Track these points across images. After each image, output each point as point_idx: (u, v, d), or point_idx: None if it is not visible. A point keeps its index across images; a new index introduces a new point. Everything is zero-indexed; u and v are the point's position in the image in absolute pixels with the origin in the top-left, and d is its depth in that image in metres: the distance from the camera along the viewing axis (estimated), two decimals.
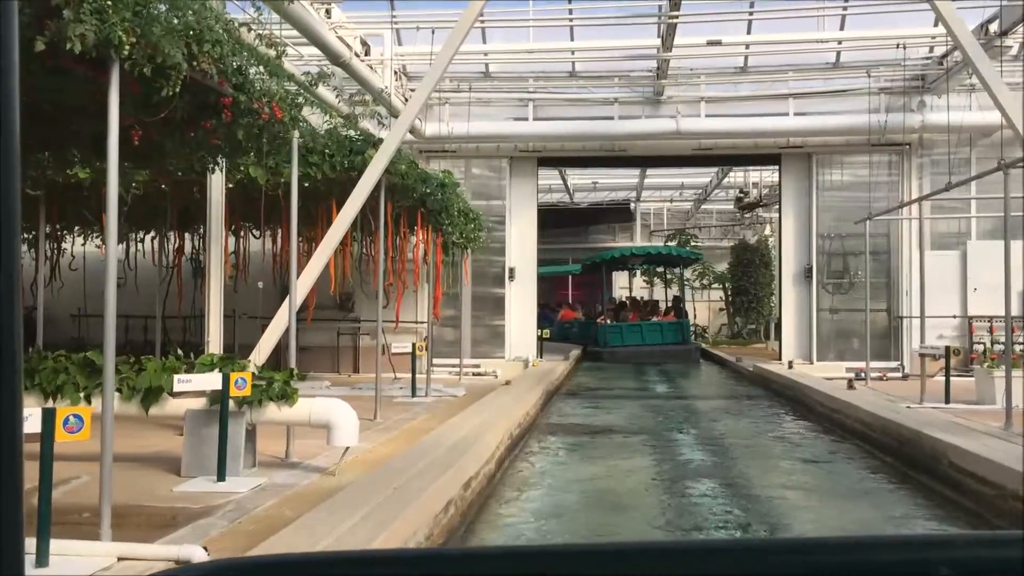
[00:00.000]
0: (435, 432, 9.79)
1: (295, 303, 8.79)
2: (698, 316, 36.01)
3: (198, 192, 11.25)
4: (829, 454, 10.53)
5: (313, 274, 9.82)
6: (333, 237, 9.91)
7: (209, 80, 6.47)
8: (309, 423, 7.74)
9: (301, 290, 9.77)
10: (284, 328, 9.30)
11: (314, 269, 9.83)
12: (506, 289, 19.88)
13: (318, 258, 9.86)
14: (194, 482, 7.33)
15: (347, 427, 7.65)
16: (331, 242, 9.93)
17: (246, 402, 7.59)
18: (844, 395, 12.57)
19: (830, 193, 19.10)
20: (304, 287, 9.76)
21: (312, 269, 9.84)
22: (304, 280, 9.81)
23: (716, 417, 13.92)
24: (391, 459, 8.23)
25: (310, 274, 9.82)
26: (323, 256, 9.86)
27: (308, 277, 9.80)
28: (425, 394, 14.27)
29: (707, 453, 10.63)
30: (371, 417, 11.53)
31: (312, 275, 9.82)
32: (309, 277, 9.81)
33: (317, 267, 9.83)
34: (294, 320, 8.70)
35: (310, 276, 9.80)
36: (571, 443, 11.30)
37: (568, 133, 18.72)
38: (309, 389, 15.37)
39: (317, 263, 9.82)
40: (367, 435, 10.19)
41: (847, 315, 18.94)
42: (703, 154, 19.45)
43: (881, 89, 17.86)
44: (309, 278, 9.80)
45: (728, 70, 18.27)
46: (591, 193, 35.88)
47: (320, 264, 9.83)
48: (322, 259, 9.85)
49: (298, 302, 9.74)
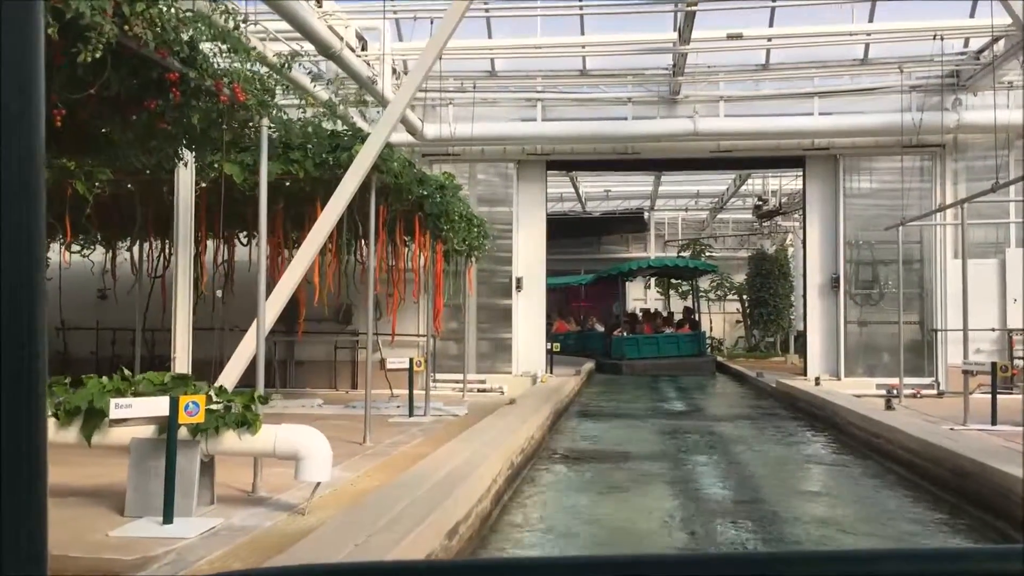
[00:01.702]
0: (427, 460, 8.70)
1: (263, 318, 7.72)
2: (714, 328, 34.91)
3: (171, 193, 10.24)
4: (876, 490, 9.22)
5: (290, 284, 8.76)
6: (313, 243, 8.85)
7: (145, 48, 5.44)
8: (274, 454, 6.67)
9: (277, 301, 8.72)
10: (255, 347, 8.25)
11: (291, 279, 8.77)
12: (513, 300, 18.78)
13: (296, 267, 8.80)
14: (137, 524, 6.26)
15: (318, 460, 6.57)
16: (310, 249, 8.87)
17: (200, 430, 6.53)
18: (883, 416, 11.37)
19: (858, 198, 17.94)
20: (280, 298, 8.70)
21: (289, 279, 8.78)
22: (280, 291, 8.75)
23: (740, 441, 12.71)
24: (372, 494, 7.15)
25: (287, 284, 8.76)
26: (301, 265, 8.79)
27: (285, 287, 8.74)
28: (424, 413, 13.20)
29: (735, 487, 9.43)
30: (360, 440, 10.48)
31: (289, 285, 8.75)
32: (286, 287, 8.74)
33: (295, 277, 8.77)
34: (263, 337, 7.64)
35: (287, 286, 8.74)
36: (581, 473, 10.17)
37: (578, 134, 17.64)
38: (299, 407, 14.36)
39: (294, 273, 8.76)
40: (352, 462, 9.14)
41: (876, 328, 17.75)
42: (722, 156, 18.31)
43: (912, 87, 16.72)
44: (286, 288, 8.74)
45: (749, 67, 17.17)
46: (603, 202, 34.83)
47: (298, 274, 8.77)
48: (300, 268, 8.79)
49: (274, 315, 8.69)
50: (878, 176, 17.90)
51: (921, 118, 15.81)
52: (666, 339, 27.27)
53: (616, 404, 18.44)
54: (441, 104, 17.45)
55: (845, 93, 17.23)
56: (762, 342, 32.65)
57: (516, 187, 18.82)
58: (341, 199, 8.97)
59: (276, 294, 8.78)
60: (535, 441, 10.81)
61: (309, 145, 9.58)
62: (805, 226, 18.66)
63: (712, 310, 35.32)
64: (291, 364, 18.10)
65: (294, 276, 8.81)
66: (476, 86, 17.18)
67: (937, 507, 8.31)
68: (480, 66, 17.41)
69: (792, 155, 18.30)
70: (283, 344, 17.64)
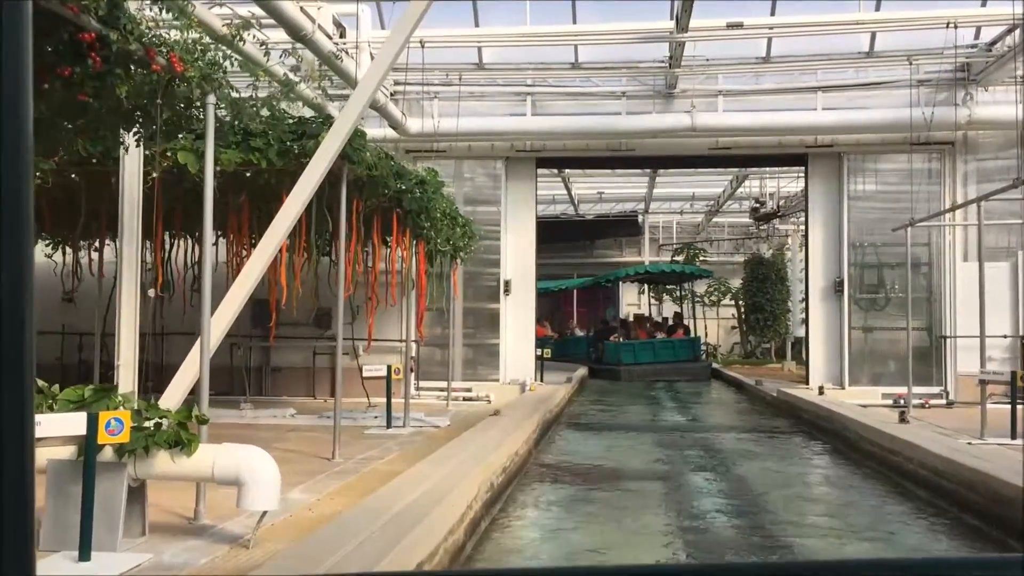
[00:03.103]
0: (398, 480, 7.82)
1: (207, 325, 6.84)
2: (708, 334, 34.13)
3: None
4: (906, 522, 8.12)
5: (246, 286, 7.87)
6: (272, 240, 7.97)
7: (50, 1, 4.58)
8: (213, 478, 5.79)
9: (232, 305, 7.84)
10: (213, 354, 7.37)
11: (247, 280, 7.89)
12: (501, 304, 17.89)
13: (252, 267, 7.92)
14: (50, 561, 5.37)
15: (263, 486, 5.69)
16: (269, 246, 7.99)
17: (127, 451, 5.64)
18: (897, 430, 10.49)
19: (862, 197, 17.10)
20: (235, 302, 7.82)
21: (245, 280, 7.90)
22: (235, 294, 7.87)
23: (743, 457, 11.78)
24: (329, 524, 6.26)
25: (242, 286, 7.87)
26: (258, 264, 7.91)
27: (240, 290, 7.86)
28: (403, 424, 12.33)
29: (740, 516, 8.48)
30: (329, 456, 9.59)
31: (245, 287, 7.87)
32: (241, 290, 7.86)
33: (251, 278, 7.89)
34: (207, 347, 6.75)
35: (242, 289, 7.86)
36: (569, 495, 9.26)
37: (570, 130, 16.77)
38: (271, 418, 13.44)
39: (251, 273, 7.88)
40: (316, 482, 8.25)
41: (882, 334, 16.91)
42: (720, 154, 17.45)
43: (920, 81, 15.89)
44: (241, 291, 7.85)
45: (749, 60, 16.32)
46: (597, 204, 33.98)
47: (255, 274, 7.89)
48: (257, 268, 7.91)
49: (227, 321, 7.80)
50: (884, 175, 17.07)
51: (933, 112, 14.97)
52: (662, 344, 27.40)
53: (609, 415, 17.55)
54: (425, 98, 16.60)
55: (850, 88, 16.40)
56: (758, 348, 31.94)
57: (504, 186, 17.95)
58: (304, 190, 8.10)
59: (230, 297, 7.91)
60: (520, 458, 9.91)
61: (270, 131, 8.69)
62: (807, 227, 17.81)
63: (707, 315, 34.56)
64: (266, 371, 17.19)
65: (250, 277, 7.93)
66: (462, 79, 16.30)
67: (986, 546, 7.28)
68: (467, 57, 16.53)
69: (794, 153, 17.45)
70: (258, 350, 16.74)
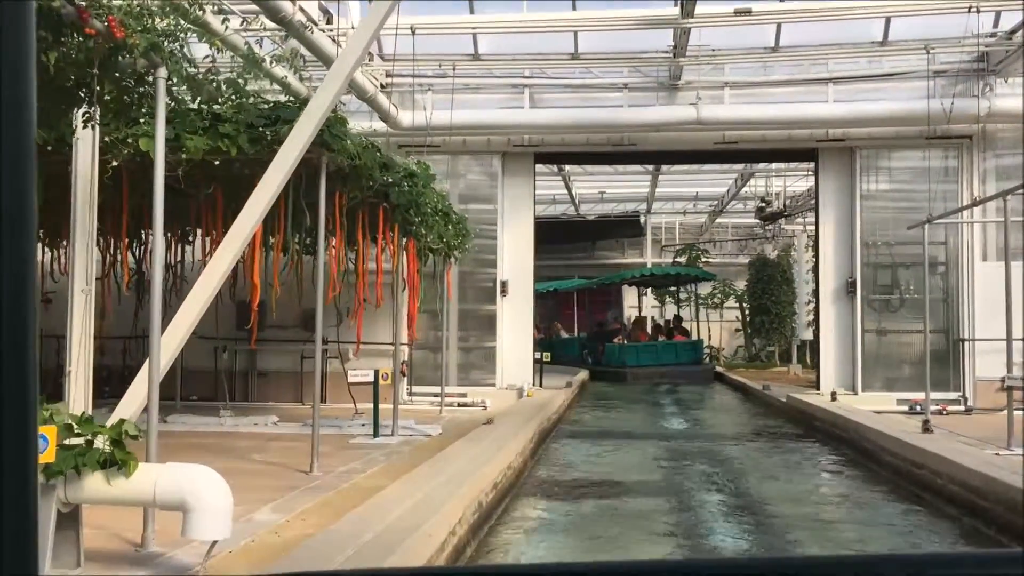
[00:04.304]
0: (378, 498, 7.08)
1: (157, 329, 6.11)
2: (712, 337, 33.41)
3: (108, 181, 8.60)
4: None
5: (211, 284, 7.14)
6: (237, 236, 7.23)
7: None
8: (154, 503, 5.05)
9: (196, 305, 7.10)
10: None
11: (212, 277, 7.15)
12: (498, 306, 17.13)
13: (216, 265, 7.18)
14: None
15: (212, 513, 4.94)
16: (234, 243, 7.24)
17: (55, 472, 4.90)
18: (923, 442, 9.69)
19: (875, 194, 16.34)
20: (198, 302, 7.08)
21: (210, 278, 7.16)
22: (198, 294, 7.14)
23: (754, 471, 10.94)
24: (293, 551, 5.52)
25: (207, 285, 7.14)
26: (223, 262, 7.17)
27: (204, 289, 7.12)
28: (392, 433, 11.59)
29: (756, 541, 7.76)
30: (306, 469, 8.85)
31: (210, 286, 7.13)
32: (205, 290, 7.12)
33: (216, 275, 7.15)
34: (158, 353, 6.01)
35: (207, 288, 7.12)
36: (566, 515, 8.45)
37: (570, 123, 16.00)
38: (251, 426, 12.68)
39: (216, 270, 7.14)
40: (289, 499, 7.50)
41: (896, 337, 16.14)
42: (727, 148, 16.67)
43: (936, 72, 15.14)
44: (206, 291, 7.12)
45: (757, 50, 15.57)
46: (598, 204, 33.22)
47: (218, 274, 7.15)
48: (221, 266, 7.17)
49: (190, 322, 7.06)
50: (898, 170, 16.32)
51: (952, 103, 14.19)
52: (665, 347, 27.32)
53: (612, 422, 16.75)
54: (418, 90, 15.86)
55: (863, 79, 15.65)
56: (763, 352, 31.20)
57: (501, 183, 17.19)
58: (275, 179, 7.36)
59: (192, 298, 7.16)
60: (514, 471, 9.14)
61: (241, 115, 7.96)
62: (817, 226, 17.03)
63: (710, 318, 33.84)
64: (252, 376, 16.44)
65: (214, 276, 7.19)
66: (457, 69, 15.54)
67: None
68: (461, 46, 15.79)
69: (804, 147, 16.69)
70: (244, 353, 15.99)
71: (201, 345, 15.62)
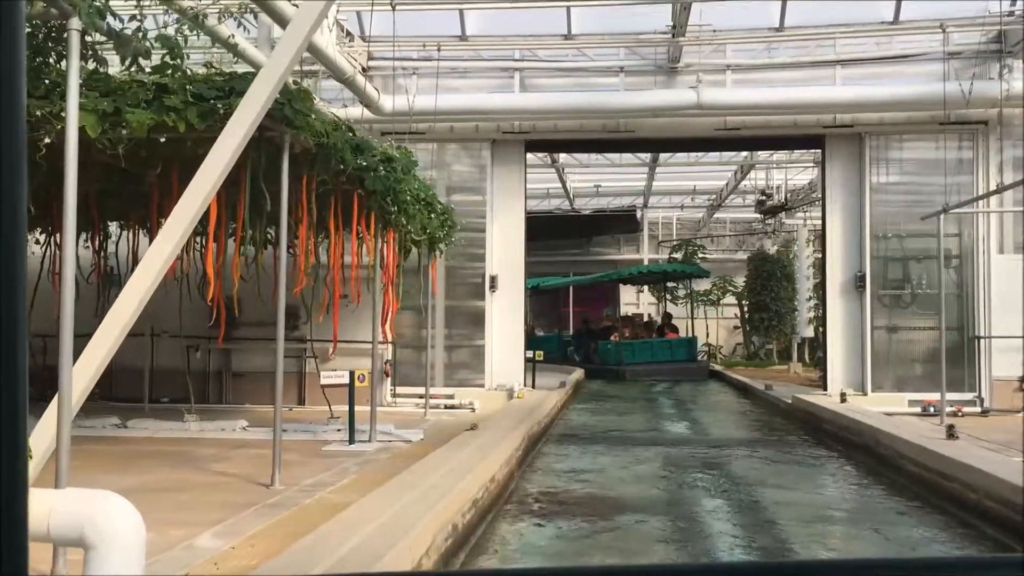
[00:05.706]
0: (341, 518, 6.19)
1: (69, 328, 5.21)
2: (709, 334, 32.62)
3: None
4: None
5: (148, 279, 6.20)
6: (180, 221, 6.29)
7: None
8: (48, 537, 4.13)
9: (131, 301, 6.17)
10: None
11: (149, 271, 6.22)
12: (487, 302, 16.23)
13: (155, 254, 6.24)
14: None
15: (118, 549, 4.03)
16: (176, 229, 6.31)
17: None
18: (948, 449, 8.81)
19: (886, 183, 15.47)
20: (134, 297, 6.15)
21: (146, 272, 6.23)
22: (135, 286, 6.19)
23: (762, 483, 9.94)
24: None
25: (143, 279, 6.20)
26: (162, 252, 6.23)
27: (140, 283, 6.18)
28: (369, 439, 10.71)
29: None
30: (267, 482, 7.95)
31: (147, 280, 6.20)
32: (142, 283, 6.18)
33: (153, 268, 6.21)
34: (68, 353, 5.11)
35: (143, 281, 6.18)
36: (553, 538, 7.54)
37: (563, 108, 15.09)
38: (218, 431, 11.77)
39: (152, 262, 6.21)
40: (241, 519, 6.59)
41: (908, 334, 15.29)
42: (728, 135, 15.78)
43: (950, 54, 14.29)
44: (142, 283, 6.18)
45: (760, 30, 14.71)
46: (593, 199, 32.36)
47: (158, 264, 6.21)
48: (161, 256, 6.23)
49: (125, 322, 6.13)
50: (908, 159, 15.45)
51: (972, 84, 13.32)
52: (660, 344, 27.62)
53: (606, 425, 15.84)
54: (401, 73, 14.96)
55: (872, 61, 14.78)
56: (762, 349, 30.41)
57: (490, 172, 16.28)
58: (223, 157, 6.43)
59: (129, 291, 6.23)
60: (498, 483, 8.24)
61: (189, 86, 7.05)
62: (824, 217, 16.15)
63: (708, 315, 33.02)
64: (227, 376, 15.54)
65: (153, 266, 6.25)
66: (442, 51, 14.65)
67: None
68: (447, 27, 14.89)
69: (810, 134, 15.80)
70: (217, 352, 15.09)
71: (173, 344, 14.77)
